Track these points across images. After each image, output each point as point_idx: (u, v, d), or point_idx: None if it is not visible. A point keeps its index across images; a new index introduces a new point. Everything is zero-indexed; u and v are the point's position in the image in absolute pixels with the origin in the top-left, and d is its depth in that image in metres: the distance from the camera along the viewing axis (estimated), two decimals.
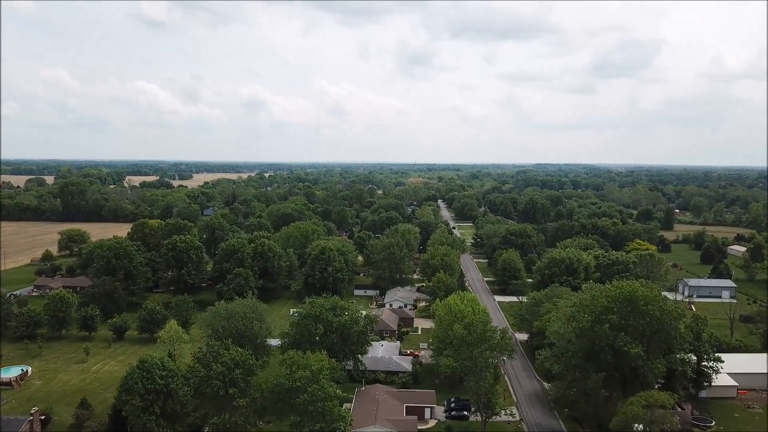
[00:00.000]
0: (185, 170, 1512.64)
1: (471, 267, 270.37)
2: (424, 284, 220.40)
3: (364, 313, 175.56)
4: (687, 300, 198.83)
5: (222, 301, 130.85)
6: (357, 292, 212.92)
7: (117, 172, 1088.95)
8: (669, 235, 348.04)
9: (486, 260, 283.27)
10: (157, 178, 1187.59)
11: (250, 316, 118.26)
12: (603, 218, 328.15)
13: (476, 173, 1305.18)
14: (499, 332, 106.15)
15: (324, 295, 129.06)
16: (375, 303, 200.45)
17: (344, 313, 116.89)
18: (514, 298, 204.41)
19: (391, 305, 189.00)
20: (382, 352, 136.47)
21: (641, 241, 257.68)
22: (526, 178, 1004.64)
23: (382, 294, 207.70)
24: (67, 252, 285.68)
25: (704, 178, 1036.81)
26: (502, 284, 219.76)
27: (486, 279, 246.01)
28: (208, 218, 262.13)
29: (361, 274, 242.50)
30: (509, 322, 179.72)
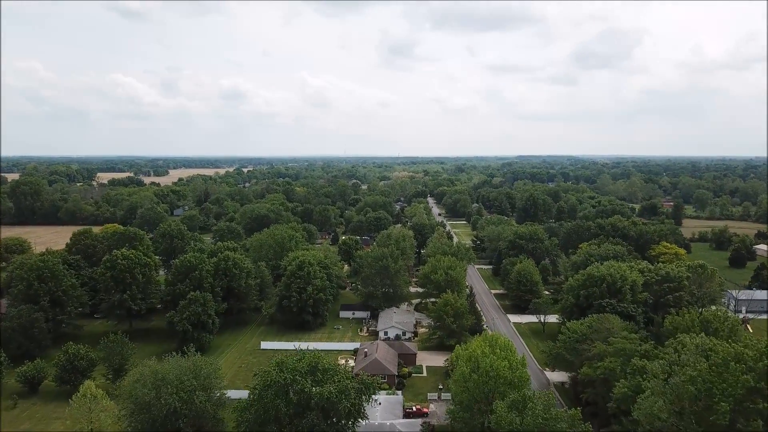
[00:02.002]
0: (162, 166, 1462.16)
1: (473, 275, 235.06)
2: (423, 301, 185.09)
3: (356, 346, 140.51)
4: (740, 318, 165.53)
5: (153, 359, 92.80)
6: (343, 314, 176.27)
7: (87, 168, 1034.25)
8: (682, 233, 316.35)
9: (489, 266, 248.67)
10: (131, 174, 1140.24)
11: (190, 385, 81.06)
12: (615, 216, 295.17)
13: (461, 166, 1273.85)
14: (567, 417, 69.72)
15: (301, 349, 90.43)
16: (366, 329, 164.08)
17: (329, 379, 79.82)
18: (532, 318, 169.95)
19: (386, 333, 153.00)
20: (381, 416, 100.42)
21: (668, 244, 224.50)
22: (513, 170, 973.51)
23: (374, 317, 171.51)
24: (3, 264, 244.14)
25: (693, 168, 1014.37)
26: (515, 299, 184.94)
27: (493, 291, 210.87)
28: (165, 225, 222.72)
29: (348, 288, 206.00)
30: (534, 354, 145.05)
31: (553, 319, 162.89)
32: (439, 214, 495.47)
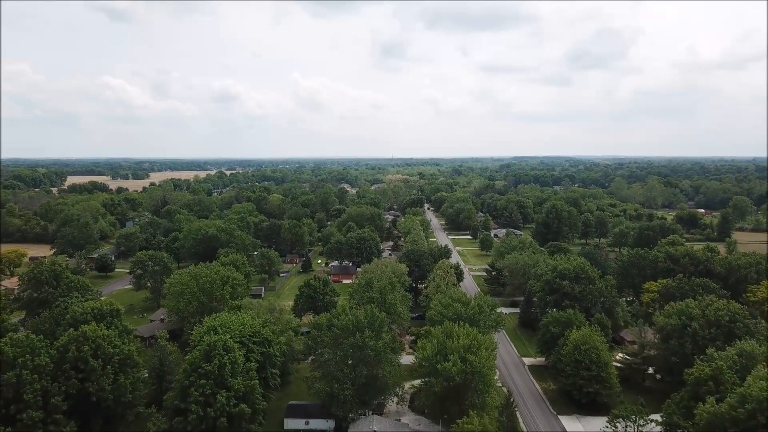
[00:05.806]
0: (146, 168, 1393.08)
1: None
2: (420, 388, 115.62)
3: None
4: None
5: None
6: (291, 423, 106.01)
7: (56, 172, 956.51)
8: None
9: (513, 309, 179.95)
10: (108, 178, 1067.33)
11: None
12: (672, 236, 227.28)
13: (458, 168, 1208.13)
14: None
15: None
16: None
17: None
18: (603, 425, 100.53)
19: None
20: None
21: None
22: (514, 173, 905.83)
23: (341, 430, 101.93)
24: None
25: (702, 170, 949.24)
26: (568, 386, 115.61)
27: (527, 361, 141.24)
28: (34, 266, 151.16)
29: (309, 359, 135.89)
30: None
31: (647, 428, 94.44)
32: (444, 231, 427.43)
